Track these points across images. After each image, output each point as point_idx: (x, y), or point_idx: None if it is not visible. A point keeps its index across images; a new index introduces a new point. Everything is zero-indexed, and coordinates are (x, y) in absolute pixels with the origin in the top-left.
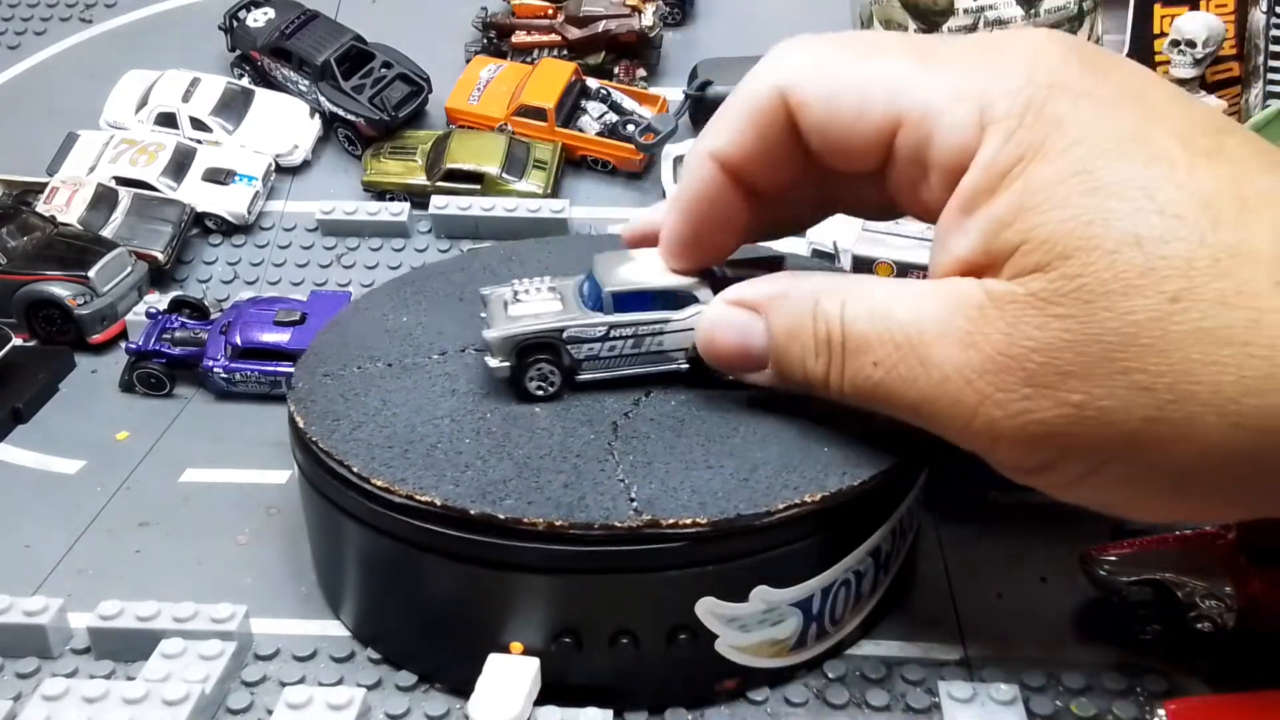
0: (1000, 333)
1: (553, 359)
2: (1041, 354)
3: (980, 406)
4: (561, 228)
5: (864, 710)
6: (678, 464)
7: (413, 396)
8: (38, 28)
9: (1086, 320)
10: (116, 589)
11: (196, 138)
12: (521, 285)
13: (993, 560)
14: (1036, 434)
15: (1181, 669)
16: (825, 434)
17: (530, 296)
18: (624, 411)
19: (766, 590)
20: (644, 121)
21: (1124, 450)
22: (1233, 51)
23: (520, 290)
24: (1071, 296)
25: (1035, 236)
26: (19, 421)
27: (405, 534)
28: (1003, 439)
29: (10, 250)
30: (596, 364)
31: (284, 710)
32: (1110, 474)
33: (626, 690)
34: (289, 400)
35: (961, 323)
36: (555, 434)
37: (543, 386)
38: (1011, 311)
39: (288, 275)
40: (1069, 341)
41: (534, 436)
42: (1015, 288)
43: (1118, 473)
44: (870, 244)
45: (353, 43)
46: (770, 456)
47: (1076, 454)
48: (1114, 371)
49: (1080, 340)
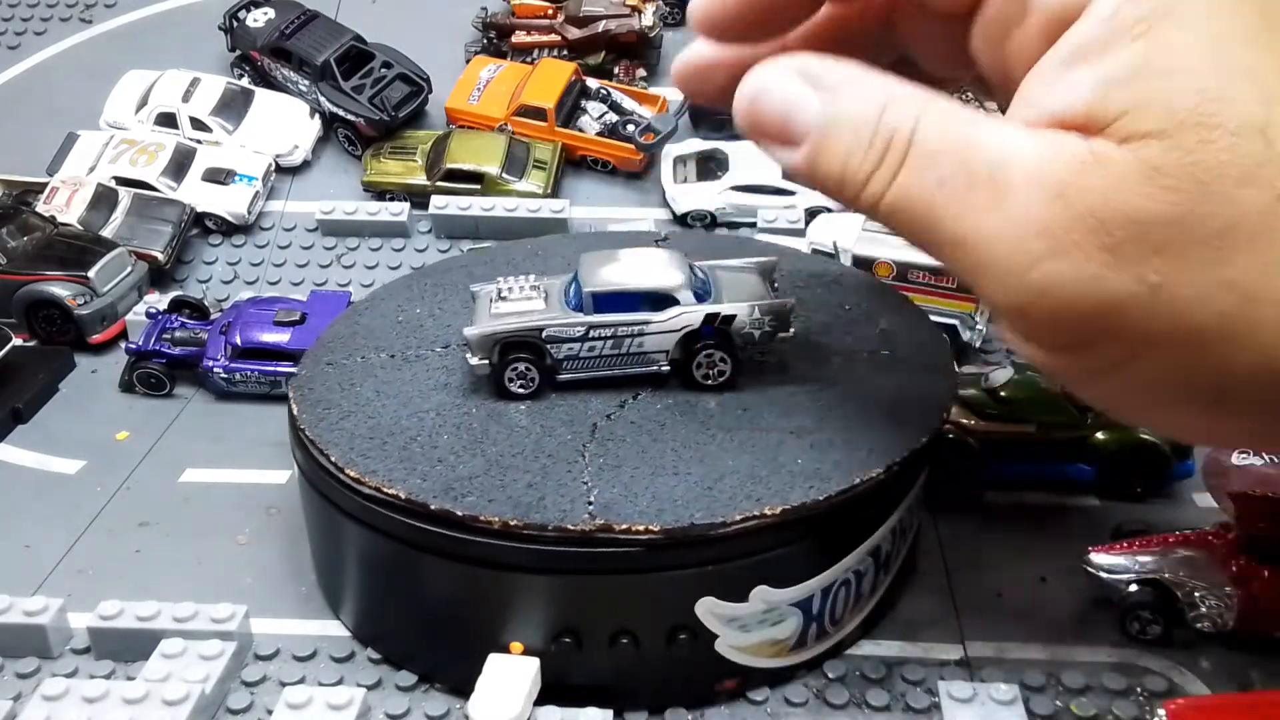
0: (1098, 192)
1: (532, 358)
2: (1136, 225)
3: (1044, 261)
4: (561, 228)
5: (864, 710)
6: (646, 469)
7: (406, 389)
8: (38, 28)
9: (1194, 199)
10: (116, 589)
11: (196, 138)
12: (506, 283)
13: (993, 560)
14: (1095, 305)
15: (1181, 669)
16: (798, 446)
17: (515, 295)
18: (607, 413)
19: (766, 590)
20: (644, 121)
21: (1182, 343)
22: None
23: (505, 288)
24: (1184, 171)
25: (1155, 102)
26: (19, 421)
27: (384, 527)
28: (1051, 302)
29: (10, 250)
30: (576, 364)
31: (284, 710)
32: (1151, 366)
33: (626, 690)
34: (289, 387)
35: (1058, 171)
36: (533, 433)
37: (524, 385)
38: (1116, 173)
39: (288, 275)
40: (1169, 218)
41: (512, 435)
42: (1125, 151)
43: (1161, 366)
44: (870, 244)
45: (353, 43)
46: (740, 465)
47: (1127, 336)
48: (1205, 259)
49: (1182, 218)
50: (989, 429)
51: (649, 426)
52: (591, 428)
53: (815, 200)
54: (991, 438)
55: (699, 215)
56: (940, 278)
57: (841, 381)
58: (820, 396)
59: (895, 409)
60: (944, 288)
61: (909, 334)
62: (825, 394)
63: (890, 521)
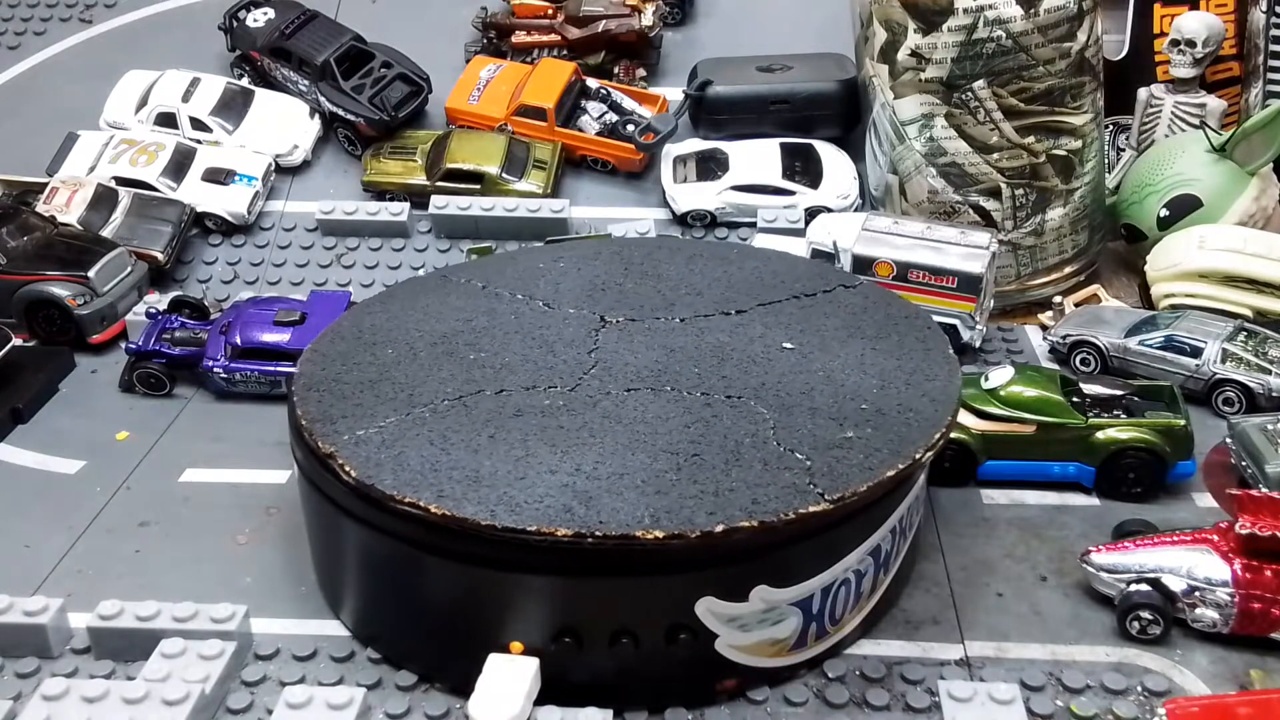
0: None
1: None
2: None
3: None
4: (561, 227)
5: (864, 710)
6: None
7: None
8: (38, 28)
9: None
10: (116, 589)
11: (196, 138)
12: None
13: (993, 560)
14: None
15: (1181, 669)
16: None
17: None
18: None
19: (766, 590)
20: (644, 121)
21: None
22: (1233, 51)
23: None
24: None
25: None
26: (19, 421)
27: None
28: None
29: (10, 250)
30: None
31: (284, 710)
32: None
33: (626, 690)
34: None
35: None
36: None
37: None
38: None
39: (288, 275)
40: None
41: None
42: None
43: None
44: (870, 244)
45: (352, 43)
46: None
47: None
48: None
49: None
50: (989, 429)
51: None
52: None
53: (815, 200)
54: (991, 437)
55: (699, 215)
56: (940, 278)
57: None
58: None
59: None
60: (944, 288)
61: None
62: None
63: (890, 521)
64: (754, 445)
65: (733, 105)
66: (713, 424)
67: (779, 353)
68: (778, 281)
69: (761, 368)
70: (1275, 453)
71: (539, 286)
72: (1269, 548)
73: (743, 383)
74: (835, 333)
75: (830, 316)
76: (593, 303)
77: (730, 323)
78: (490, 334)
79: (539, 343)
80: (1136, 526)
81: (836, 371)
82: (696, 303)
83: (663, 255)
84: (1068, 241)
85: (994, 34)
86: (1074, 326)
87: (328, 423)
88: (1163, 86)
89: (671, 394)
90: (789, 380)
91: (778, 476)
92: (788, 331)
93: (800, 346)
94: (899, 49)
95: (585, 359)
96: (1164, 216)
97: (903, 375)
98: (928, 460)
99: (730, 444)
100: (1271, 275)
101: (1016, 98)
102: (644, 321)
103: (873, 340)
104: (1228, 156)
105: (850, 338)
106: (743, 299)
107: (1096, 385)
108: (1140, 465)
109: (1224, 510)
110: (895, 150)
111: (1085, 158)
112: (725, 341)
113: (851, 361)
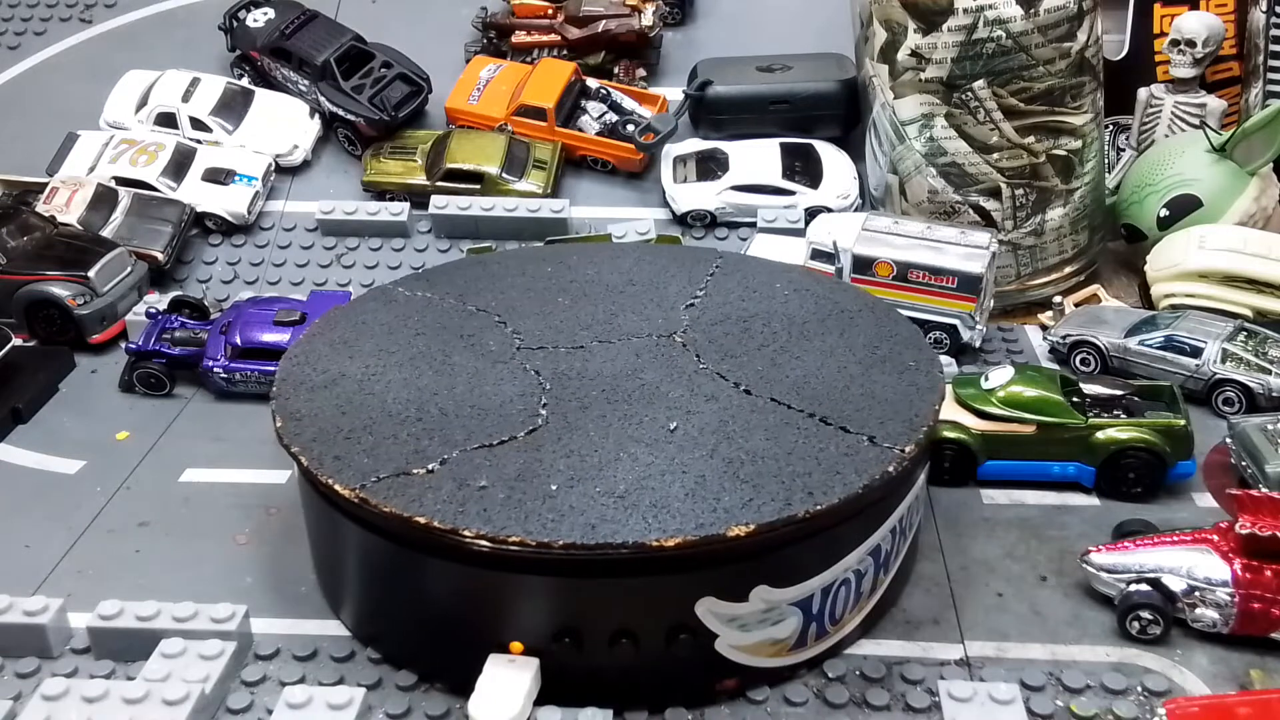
0: None
1: None
2: None
3: None
4: (561, 227)
5: (864, 710)
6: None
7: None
8: (38, 28)
9: None
10: (116, 589)
11: (196, 138)
12: None
13: (993, 560)
14: None
15: (1181, 669)
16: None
17: None
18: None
19: (766, 590)
20: (644, 121)
21: None
22: (1233, 51)
23: None
24: None
25: None
26: (19, 421)
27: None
28: None
29: (10, 250)
30: None
31: (284, 710)
32: None
33: (627, 690)
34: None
35: None
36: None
37: None
38: None
39: (288, 275)
40: None
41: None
42: None
43: None
44: (870, 244)
45: (353, 43)
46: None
47: None
48: None
49: None
50: (989, 429)
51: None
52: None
53: (815, 200)
54: (991, 437)
55: (699, 215)
56: (940, 278)
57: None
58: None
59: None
60: (944, 288)
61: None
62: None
63: (890, 521)
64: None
65: (733, 105)
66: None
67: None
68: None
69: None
70: (1275, 453)
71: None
72: (1269, 548)
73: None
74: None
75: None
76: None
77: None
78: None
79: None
80: (1136, 526)
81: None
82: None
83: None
84: (1068, 241)
85: (994, 34)
86: (1074, 326)
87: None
88: (1163, 86)
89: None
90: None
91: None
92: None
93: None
94: (899, 49)
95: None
96: (1164, 216)
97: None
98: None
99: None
100: (1271, 275)
101: (1016, 98)
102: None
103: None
104: (1228, 157)
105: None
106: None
107: (1096, 385)
108: (1140, 465)
109: (1224, 510)
110: (895, 150)
111: (1085, 158)
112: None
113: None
